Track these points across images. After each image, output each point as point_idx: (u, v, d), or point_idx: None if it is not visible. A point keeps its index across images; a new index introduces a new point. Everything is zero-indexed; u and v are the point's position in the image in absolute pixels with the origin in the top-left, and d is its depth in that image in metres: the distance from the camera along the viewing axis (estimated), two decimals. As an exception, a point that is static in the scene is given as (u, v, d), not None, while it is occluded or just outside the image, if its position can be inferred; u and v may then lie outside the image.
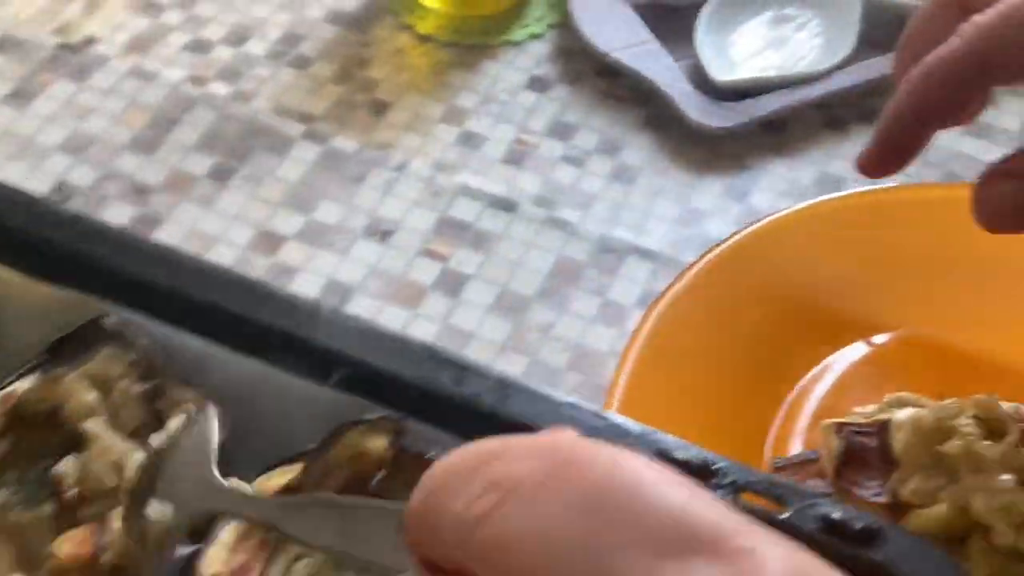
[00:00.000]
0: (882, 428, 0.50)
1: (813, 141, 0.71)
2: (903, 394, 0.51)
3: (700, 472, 0.40)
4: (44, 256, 0.46)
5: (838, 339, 0.56)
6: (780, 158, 0.71)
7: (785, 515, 0.39)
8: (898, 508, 0.48)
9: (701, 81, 0.72)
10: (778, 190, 0.69)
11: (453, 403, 0.42)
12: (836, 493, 0.50)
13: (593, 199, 0.67)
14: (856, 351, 0.57)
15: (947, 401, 0.49)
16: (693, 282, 0.56)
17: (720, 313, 0.55)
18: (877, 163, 0.47)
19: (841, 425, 0.51)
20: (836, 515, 0.39)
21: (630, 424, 0.42)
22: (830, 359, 0.56)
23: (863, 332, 0.57)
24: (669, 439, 0.41)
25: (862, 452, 0.50)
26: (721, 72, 0.72)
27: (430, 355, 0.44)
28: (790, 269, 0.58)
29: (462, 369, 0.43)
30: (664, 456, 0.41)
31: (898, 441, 0.48)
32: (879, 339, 0.57)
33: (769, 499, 0.40)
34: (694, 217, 0.67)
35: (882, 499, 0.48)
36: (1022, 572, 0.43)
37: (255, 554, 0.41)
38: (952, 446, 0.46)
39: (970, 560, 0.45)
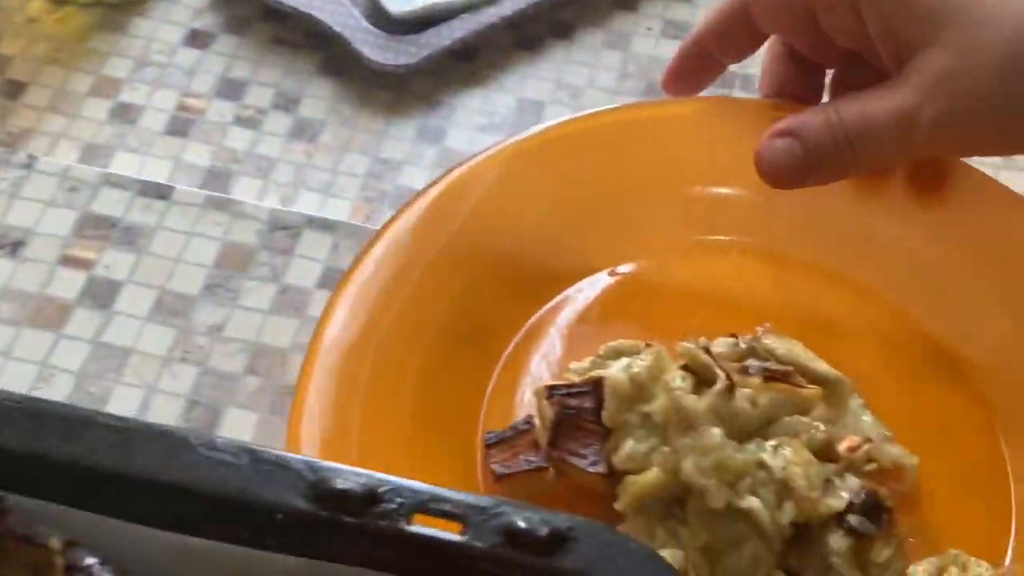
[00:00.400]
0: (597, 386, 0.46)
1: (507, 66, 0.66)
2: (618, 343, 0.47)
3: (366, 500, 0.35)
4: None
5: (544, 294, 0.51)
6: (474, 89, 0.65)
7: (461, 537, 0.35)
8: (616, 476, 0.44)
9: (378, 16, 0.65)
10: (475, 125, 0.64)
11: (60, 466, 0.35)
12: (552, 467, 0.46)
13: (273, 164, 0.60)
14: (563, 300, 0.52)
15: (653, 350, 0.45)
16: (383, 252, 0.50)
17: (422, 281, 0.49)
18: (673, 82, 0.55)
19: (552, 389, 0.46)
20: (519, 524, 0.35)
21: (275, 456, 0.36)
22: (535, 318, 0.51)
23: (587, 271, 0.52)
24: (332, 468, 0.36)
25: (577, 417, 0.46)
26: (396, 3, 0.65)
27: (29, 409, 0.36)
28: (492, 216, 0.52)
29: (71, 421, 0.36)
30: (323, 487, 0.35)
31: (606, 408, 0.44)
32: (600, 281, 0.52)
33: (445, 519, 0.35)
34: (386, 169, 0.61)
35: (600, 468, 0.44)
36: (740, 532, 0.40)
37: None
38: (656, 404, 0.42)
39: (688, 525, 0.41)
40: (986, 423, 0.47)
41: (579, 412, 0.45)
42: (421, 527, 0.35)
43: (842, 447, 0.42)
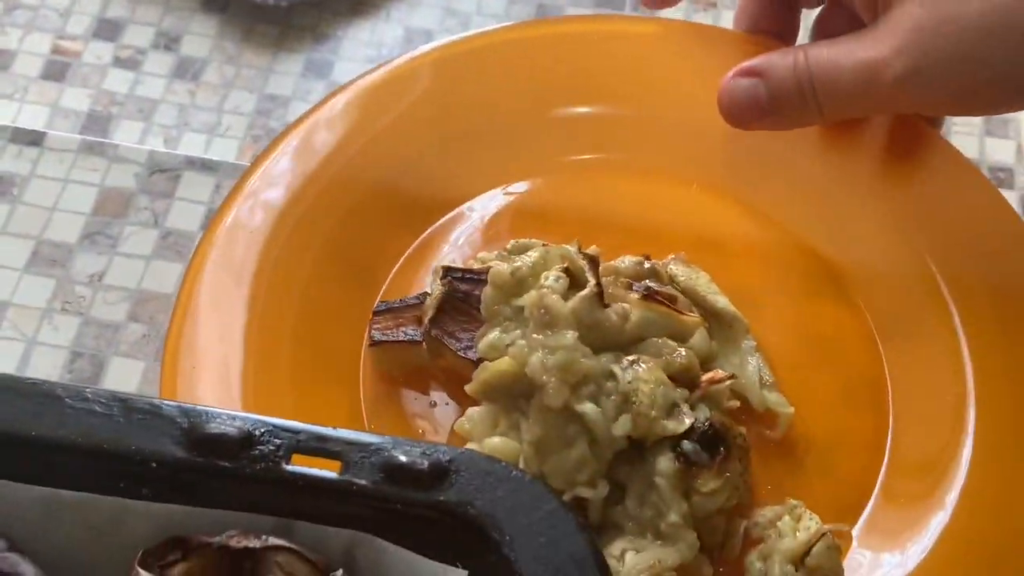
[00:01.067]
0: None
1: (393, -6, 0.65)
2: (528, 240, 0.46)
3: (242, 443, 0.35)
4: None
5: (425, 221, 0.50)
6: (361, 21, 0.64)
7: (341, 475, 0.34)
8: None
9: (257, -53, 0.63)
10: (363, 57, 0.62)
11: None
12: (427, 344, 0.45)
13: (155, 105, 0.59)
14: (482, 207, 0.51)
15: (543, 248, 0.44)
16: (258, 187, 0.48)
17: (300, 212, 0.48)
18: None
19: (448, 270, 0.46)
20: (400, 459, 0.35)
21: (145, 403, 0.35)
22: (426, 234, 0.50)
23: (476, 193, 0.51)
24: (207, 412, 0.35)
25: (463, 301, 0.45)
26: (276, -66, 0.63)
27: None
28: (372, 142, 0.50)
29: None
30: (197, 432, 0.35)
31: (484, 296, 0.43)
32: (495, 199, 0.51)
33: (322, 457, 0.35)
34: (274, 106, 0.59)
35: (471, 355, 0.44)
36: (572, 434, 0.40)
37: None
38: (526, 298, 0.41)
39: (528, 418, 0.41)
40: (868, 333, 0.48)
41: (467, 297, 0.44)
42: (300, 468, 0.34)
43: (704, 377, 0.42)
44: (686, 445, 0.40)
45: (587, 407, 0.39)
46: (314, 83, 0.61)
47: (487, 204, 0.50)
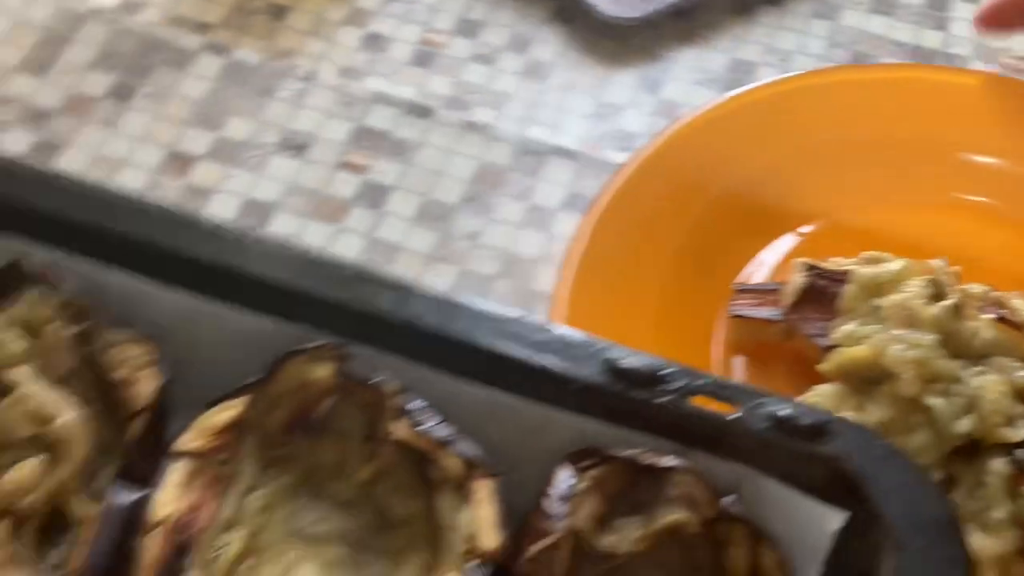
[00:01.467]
0: (845, 277, 0.51)
1: (721, 27, 0.71)
2: (880, 253, 0.52)
3: (648, 380, 0.41)
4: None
5: (768, 232, 0.57)
6: (690, 47, 0.70)
7: (735, 415, 0.40)
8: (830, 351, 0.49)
9: (608, -28, 0.71)
10: (691, 79, 0.69)
11: (396, 325, 0.42)
12: (784, 324, 0.51)
13: (506, 98, 0.66)
14: (786, 243, 0.57)
15: (904, 260, 0.49)
16: (624, 186, 0.56)
17: (653, 215, 0.55)
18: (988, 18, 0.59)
19: (811, 266, 0.52)
20: (784, 412, 0.40)
21: (576, 336, 0.42)
22: (762, 254, 0.56)
23: (790, 224, 0.58)
24: (616, 349, 0.42)
25: (820, 294, 0.51)
26: (627, -38, 0.70)
27: (369, 278, 0.43)
28: (718, 165, 0.58)
29: (403, 290, 0.42)
30: (611, 365, 0.41)
31: (846, 292, 0.49)
32: (805, 229, 0.58)
33: (719, 401, 0.41)
34: (610, 112, 0.66)
35: (824, 342, 0.49)
36: (916, 422, 0.45)
37: (207, 490, 0.40)
38: (889, 300, 0.47)
39: (875, 402, 0.46)
40: None
41: (823, 291, 0.51)
42: (700, 406, 0.40)
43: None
44: (1020, 453, 0.45)
45: (936, 401, 0.45)
46: (645, 96, 0.67)
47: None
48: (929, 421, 0.45)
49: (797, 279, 0.51)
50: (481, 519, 0.39)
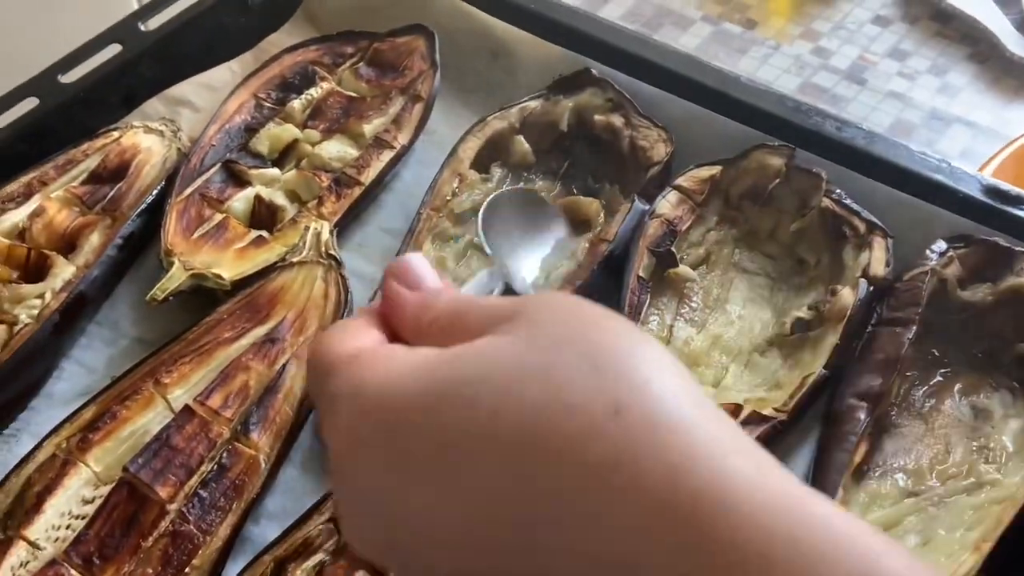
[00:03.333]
0: None
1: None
2: None
3: (1016, 199, 0.56)
4: (548, 24, 0.67)
5: None
6: (1084, 94, 0.84)
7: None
8: None
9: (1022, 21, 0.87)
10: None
11: (833, 143, 0.60)
12: None
13: (918, 102, 0.83)
14: None
15: None
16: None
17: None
18: None
19: None
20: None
21: (956, 167, 0.58)
22: None
23: None
24: (989, 178, 0.57)
25: None
26: (1039, 19, 0.86)
27: (817, 112, 0.61)
28: None
29: (842, 122, 0.60)
30: (987, 185, 0.57)
31: None
32: None
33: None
34: (1005, 125, 0.81)
35: None
36: None
37: (686, 214, 0.59)
38: None
39: None
40: None
41: None
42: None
43: None
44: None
45: None
46: (1038, 122, 0.82)
47: None
48: None
49: None
50: (875, 259, 0.55)
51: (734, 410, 0.51)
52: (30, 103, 0.65)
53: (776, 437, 0.51)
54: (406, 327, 0.33)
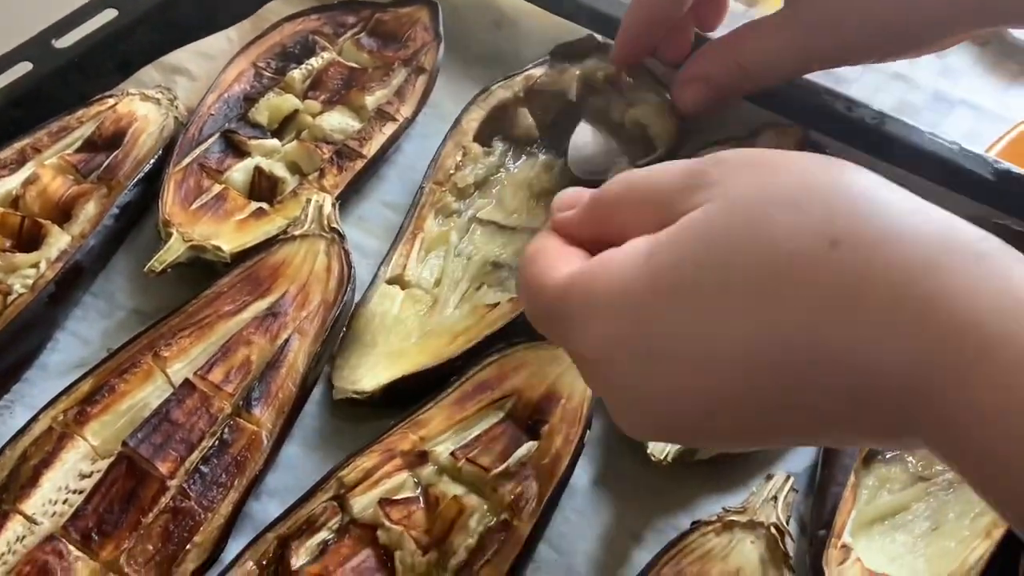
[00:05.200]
0: None
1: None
2: None
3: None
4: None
5: None
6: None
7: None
8: None
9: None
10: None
11: (843, 123, 0.59)
12: None
13: (918, 82, 0.82)
14: None
15: None
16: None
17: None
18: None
19: None
20: None
21: (967, 151, 0.57)
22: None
23: None
24: (998, 160, 0.57)
25: None
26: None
27: (826, 92, 0.61)
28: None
29: (852, 102, 0.60)
30: (995, 168, 0.56)
31: None
32: None
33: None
34: (1007, 109, 0.81)
35: None
36: None
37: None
38: None
39: None
40: None
41: None
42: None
43: None
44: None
45: None
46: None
47: None
48: None
49: None
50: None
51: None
52: (23, 68, 0.63)
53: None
54: (587, 230, 0.38)
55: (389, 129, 0.62)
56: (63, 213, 0.58)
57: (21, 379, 0.54)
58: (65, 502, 0.47)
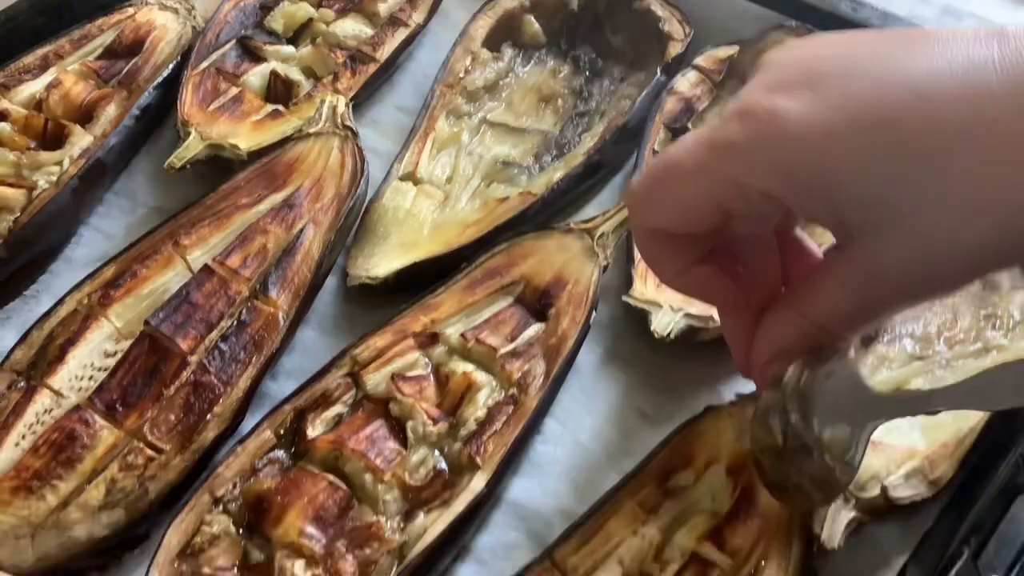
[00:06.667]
0: None
1: None
2: None
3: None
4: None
5: None
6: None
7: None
8: None
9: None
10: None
11: (849, 24, 0.60)
12: None
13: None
14: None
15: None
16: None
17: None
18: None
19: None
20: None
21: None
22: None
23: None
24: None
25: None
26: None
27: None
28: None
29: (857, 3, 0.61)
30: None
31: None
32: None
33: None
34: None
35: None
36: None
37: (705, 93, 0.60)
38: None
39: None
40: None
41: None
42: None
43: None
44: None
45: None
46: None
47: None
48: None
49: None
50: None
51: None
52: (45, -22, 0.65)
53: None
54: None
55: (401, 35, 0.64)
56: (85, 115, 0.60)
57: (48, 271, 0.56)
58: (90, 378, 0.49)
